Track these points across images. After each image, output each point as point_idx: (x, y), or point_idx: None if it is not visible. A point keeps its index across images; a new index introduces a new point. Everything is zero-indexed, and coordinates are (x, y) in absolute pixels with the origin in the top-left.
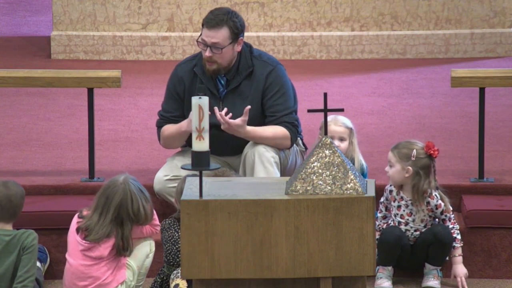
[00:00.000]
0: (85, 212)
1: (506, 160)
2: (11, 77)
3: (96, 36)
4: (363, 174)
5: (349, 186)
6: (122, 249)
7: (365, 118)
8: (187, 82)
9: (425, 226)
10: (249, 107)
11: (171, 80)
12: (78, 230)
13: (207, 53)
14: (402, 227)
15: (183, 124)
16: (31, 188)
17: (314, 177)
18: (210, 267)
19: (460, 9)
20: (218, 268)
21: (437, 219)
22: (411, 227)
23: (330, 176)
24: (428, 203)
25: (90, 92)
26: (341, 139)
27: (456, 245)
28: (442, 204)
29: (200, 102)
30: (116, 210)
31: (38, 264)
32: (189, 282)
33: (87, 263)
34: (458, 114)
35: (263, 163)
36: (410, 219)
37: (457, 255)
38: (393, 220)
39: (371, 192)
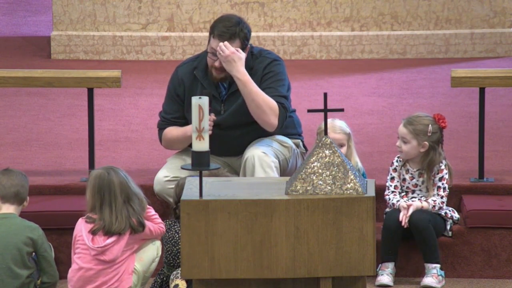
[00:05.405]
0: (94, 216)
1: (506, 160)
2: (11, 77)
3: (96, 36)
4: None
5: (349, 186)
6: (137, 226)
7: (365, 118)
8: (187, 84)
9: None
10: None
11: (172, 82)
12: (94, 233)
13: (217, 64)
14: (410, 195)
15: (189, 129)
16: (31, 188)
17: (314, 177)
18: (210, 267)
19: (460, 9)
20: (218, 268)
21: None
22: (418, 194)
23: (330, 176)
24: (432, 170)
25: (90, 92)
26: (341, 145)
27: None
28: (445, 171)
29: (200, 102)
30: (122, 191)
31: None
32: (189, 282)
33: (98, 267)
34: (458, 114)
35: (263, 168)
36: (417, 189)
37: (425, 200)
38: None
39: (371, 192)
